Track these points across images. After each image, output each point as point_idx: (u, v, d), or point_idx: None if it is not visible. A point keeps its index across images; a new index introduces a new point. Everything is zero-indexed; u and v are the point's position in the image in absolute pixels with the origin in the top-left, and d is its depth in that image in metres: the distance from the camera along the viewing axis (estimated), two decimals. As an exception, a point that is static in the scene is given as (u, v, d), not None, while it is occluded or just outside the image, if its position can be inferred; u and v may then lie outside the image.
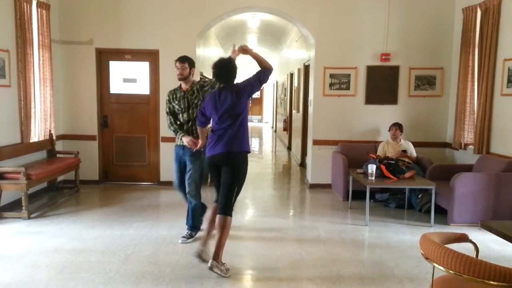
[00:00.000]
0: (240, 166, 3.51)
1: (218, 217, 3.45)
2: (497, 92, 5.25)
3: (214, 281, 3.29)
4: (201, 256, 3.46)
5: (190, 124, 4.15)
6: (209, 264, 3.33)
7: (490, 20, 5.26)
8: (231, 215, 3.47)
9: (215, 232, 3.47)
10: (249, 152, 3.58)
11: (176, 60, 4.12)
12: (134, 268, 3.51)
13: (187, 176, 4.12)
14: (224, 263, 3.44)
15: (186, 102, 4.11)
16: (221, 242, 3.39)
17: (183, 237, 4.19)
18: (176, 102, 4.16)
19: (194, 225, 4.28)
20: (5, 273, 3.36)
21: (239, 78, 3.55)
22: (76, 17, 6.39)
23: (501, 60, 5.16)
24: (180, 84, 4.20)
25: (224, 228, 3.40)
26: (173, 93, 4.23)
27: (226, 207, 3.44)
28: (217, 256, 3.36)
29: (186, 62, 4.12)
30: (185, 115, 4.14)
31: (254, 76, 3.52)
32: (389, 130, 6.06)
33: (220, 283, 3.27)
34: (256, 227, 4.75)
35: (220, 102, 3.47)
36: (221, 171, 3.51)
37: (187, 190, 4.13)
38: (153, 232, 4.45)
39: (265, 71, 3.53)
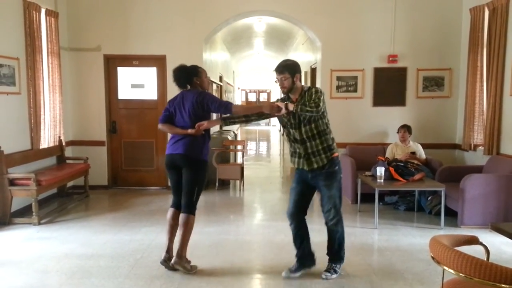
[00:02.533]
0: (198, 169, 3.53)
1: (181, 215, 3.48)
2: (507, 92, 5.20)
3: (223, 286, 3.30)
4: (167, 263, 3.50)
5: (305, 145, 3.29)
6: (172, 261, 3.43)
7: (498, 20, 5.22)
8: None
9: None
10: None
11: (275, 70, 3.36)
12: (143, 272, 3.53)
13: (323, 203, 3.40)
14: (189, 261, 3.52)
15: (297, 116, 3.28)
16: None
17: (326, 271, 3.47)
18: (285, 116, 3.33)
19: (341, 256, 3.52)
20: (16, 279, 3.40)
21: (244, 79, 3.57)
22: (84, 24, 6.46)
23: (510, 60, 5.11)
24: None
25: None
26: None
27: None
28: (181, 254, 3.44)
29: (286, 71, 3.30)
30: (296, 134, 3.33)
31: (221, 102, 3.54)
32: (397, 132, 6.02)
33: (228, 287, 3.28)
34: (264, 231, 4.74)
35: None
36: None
37: (329, 217, 3.38)
38: (162, 236, 4.44)
39: (227, 111, 3.49)
